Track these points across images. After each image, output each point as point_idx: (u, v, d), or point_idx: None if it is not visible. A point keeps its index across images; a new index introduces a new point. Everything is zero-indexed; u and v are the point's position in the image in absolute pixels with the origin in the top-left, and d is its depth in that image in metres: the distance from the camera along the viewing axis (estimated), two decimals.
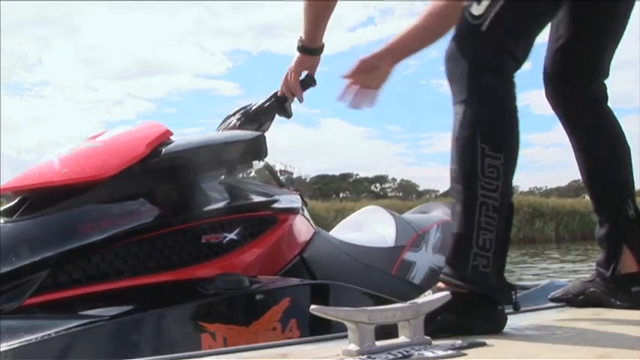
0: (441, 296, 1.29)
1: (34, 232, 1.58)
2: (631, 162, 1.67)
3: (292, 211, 1.99)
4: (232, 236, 1.78)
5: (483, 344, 1.20)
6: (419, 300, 1.25)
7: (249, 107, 2.04)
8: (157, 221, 1.71)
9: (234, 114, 2.06)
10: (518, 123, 1.42)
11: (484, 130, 1.35)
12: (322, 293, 1.84)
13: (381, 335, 1.16)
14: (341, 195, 38.96)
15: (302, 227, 2.04)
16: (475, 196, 1.33)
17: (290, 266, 1.93)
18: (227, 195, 1.89)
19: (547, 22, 1.53)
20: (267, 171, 2.22)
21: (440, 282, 1.39)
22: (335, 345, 1.22)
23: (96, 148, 1.79)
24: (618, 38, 1.70)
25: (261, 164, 2.20)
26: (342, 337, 1.20)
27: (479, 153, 1.33)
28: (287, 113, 2.01)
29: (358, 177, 44.06)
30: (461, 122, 1.37)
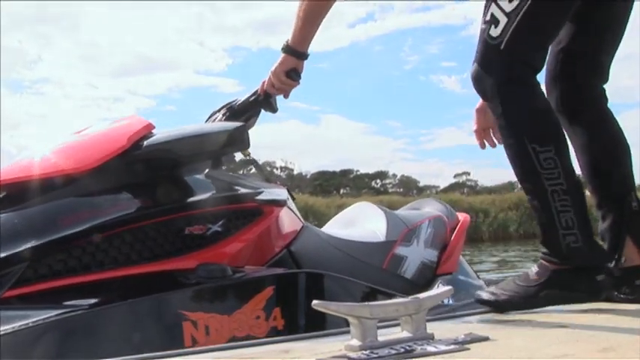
0: (444, 291, 1.29)
1: (14, 225, 1.57)
2: (631, 158, 1.73)
3: (278, 203, 1.97)
4: (216, 228, 1.77)
5: (486, 339, 1.20)
6: (421, 295, 1.25)
7: (234, 103, 2.03)
8: (139, 213, 1.71)
9: (219, 110, 2.06)
10: (552, 112, 1.59)
11: (528, 133, 1.51)
12: (308, 282, 1.83)
13: None
14: (341, 191, 38.92)
15: (289, 220, 2.03)
16: (544, 189, 1.50)
17: (277, 259, 1.93)
18: (211, 187, 1.88)
19: (559, 32, 1.63)
20: (253, 166, 2.21)
21: (541, 260, 1.55)
22: (337, 340, 1.22)
23: (78, 142, 1.80)
24: (618, 40, 1.75)
25: (246, 158, 2.14)
26: (345, 333, 1.20)
27: (532, 153, 1.50)
28: (272, 108, 2.00)
29: (359, 173, 44.02)
30: (506, 132, 1.55)
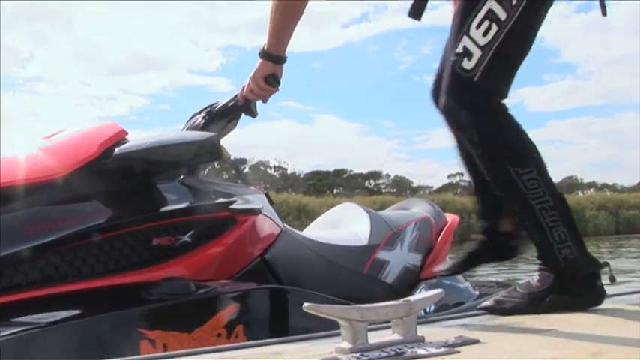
0: (434, 294, 1.29)
1: None
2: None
3: (252, 212, 1.94)
4: (186, 238, 1.74)
5: (477, 341, 1.20)
6: (412, 297, 1.25)
7: (214, 106, 2.00)
8: (106, 224, 1.67)
9: (199, 112, 2.02)
10: (525, 133, 1.63)
11: (508, 158, 1.56)
12: (273, 297, 1.80)
13: None
14: (335, 191, 38.92)
15: (264, 228, 2.00)
16: (532, 208, 1.55)
17: (250, 268, 1.89)
18: (184, 196, 1.85)
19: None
20: (233, 170, 2.19)
21: (542, 270, 1.59)
22: (328, 342, 1.22)
23: (46, 149, 1.75)
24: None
25: (227, 163, 2.14)
26: (335, 335, 1.20)
27: (515, 177, 1.55)
28: (252, 113, 1.96)
29: (352, 173, 44.02)
30: (486, 160, 1.60)
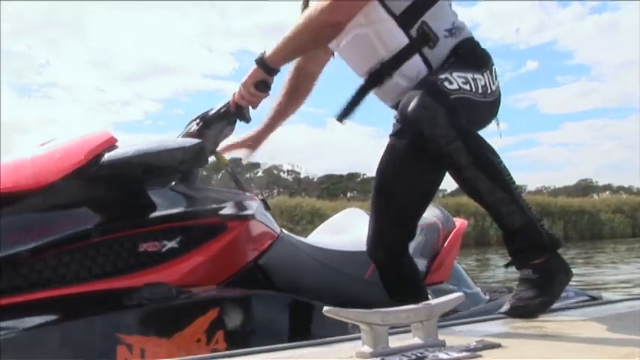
0: (455, 297, 1.28)
1: None
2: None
3: (244, 218, 1.94)
4: (173, 244, 1.75)
5: (498, 346, 1.19)
6: (432, 301, 1.24)
7: (208, 113, 1.99)
8: (91, 230, 1.68)
9: (195, 119, 2.02)
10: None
11: (487, 146, 1.69)
12: (257, 303, 1.80)
13: None
14: (348, 195, 38.85)
15: (257, 234, 2.00)
16: (513, 192, 1.66)
17: (242, 274, 1.89)
18: (175, 202, 1.85)
19: None
20: (230, 175, 2.16)
21: (530, 263, 1.63)
22: (348, 346, 1.21)
23: (35, 157, 1.76)
24: None
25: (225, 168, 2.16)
26: (356, 339, 1.19)
27: (497, 164, 1.66)
28: (245, 118, 1.95)
29: (365, 177, 43.72)
30: (471, 151, 1.63)
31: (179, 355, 1.47)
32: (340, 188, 40.11)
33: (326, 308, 1.15)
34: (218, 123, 1.97)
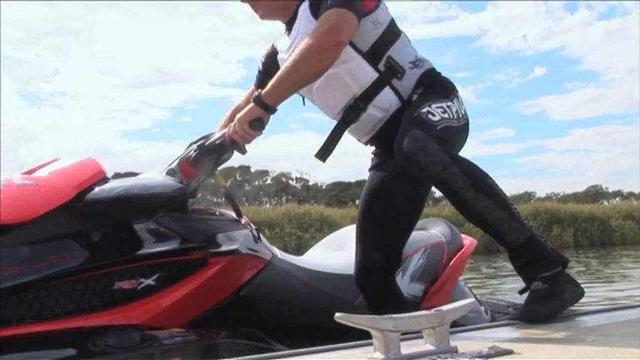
0: (466, 303, 1.28)
1: None
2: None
3: (226, 253, 1.94)
4: (150, 282, 1.77)
5: (510, 352, 1.19)
6: (444, 307, 1.24)
7: (207, 138, 2.01)
8: (70, 267, 1.68)
9: (195, 142, 2.05)
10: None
11: (482, 172, 1.77)
12: (221, 350, 1.79)
13: None
14: (357, 202, 38.84)
15: (241, 266, 2.01)
16: (512, 208, 1.74)
17: (223, 305, 1.91)
18: (158, 237, 1.85)
19: None
20: (227, 201, 2.20)
21: (540, 275, 1.67)
22: (360, 352, 1.21)
23: (22, 188, 1.76)
24: None
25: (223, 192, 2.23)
26: (367, 345, 1.20)
27: (494, 184, 1.76)
28: (241, 150, 1.98)
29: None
30: (470, 176, 1.72)
31: None
32: (349, 195, 39.98)
33: (338, 314, 1.15)
34: (214, 153, 2.00)
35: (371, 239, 2.05)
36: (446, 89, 1.97)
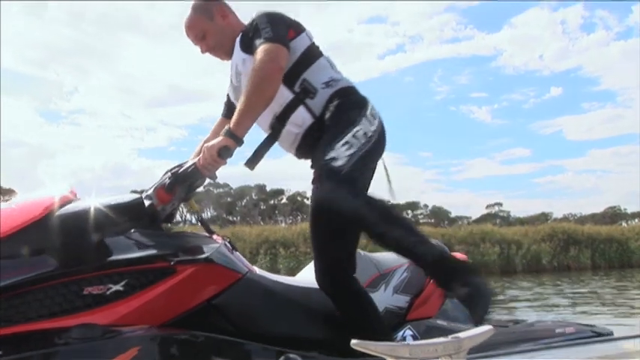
0: (485, 330, 1.27)
1: None
2: None
3: (195, 262, 2.07)
4: (118, 287, 1.94)
5: None
6: (461, 334, 1.23)
7: (179, 168, 2.18)
8: (42, 275, 1.88)
9: (170, 170, 2.21)
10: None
11: (390, 209, 2.06)
12: (180, 344, 1.93)
13: None
14: None
15: (211, 276, 2.12)
16: (423, 234, 1.98)
17: (193, 313, 2.04)
18: (126, 248, 2.03)
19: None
20: (197, 219, 2.38)
21: (458, 289, 1.84)
22: None
23: (1, 211, 2.02)
24: None
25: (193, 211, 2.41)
26: None
27: (401, 216, 2.10)
28: (212, 177, 2.13)
29: (390, 203, 43.68)
30: (379, 213, 1.99)
31: None
32: None
33: (354, 341, 1.14)
34: (186, 180, 2.16)
35: (320, 248, 2.23)
36: (353, 110, 2.20)
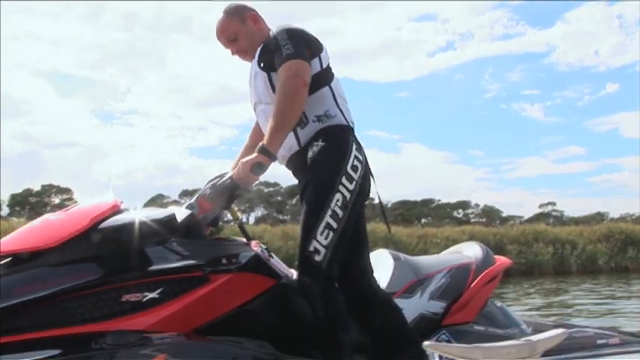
0: (558, 334, 1.26)
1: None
2: None
3: (228, 271, 2.23)
4: (154, 295, 2.11)
5: None
6: (534, 337, 1.23)
7: (220, 179, 2.34)
8: (89, 283, 2.07)
9: (212, 180, 2.38)
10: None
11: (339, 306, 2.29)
12: (205, 351, 2.11)
13: None
14: (423, 221, 38.37)
15: (244, 283, 2.28)
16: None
17: (224, 319, 2.20)
18: (165, 258, 2.19)
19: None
20: (238, 226, 2.51)
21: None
22: None
23: (52, 222, 2.23)
24: None
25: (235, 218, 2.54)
26: None
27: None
28: (247, 189, 2.34)
29: (440, 202, 43.17)
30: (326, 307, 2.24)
31: None
32: (414, 214, 39.71)
33: (427, 343, 1.15)
34: (224, 193, 2.32)
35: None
36: (333, 160, 2.33)
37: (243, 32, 2.52)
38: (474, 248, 2.79)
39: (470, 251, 2.77)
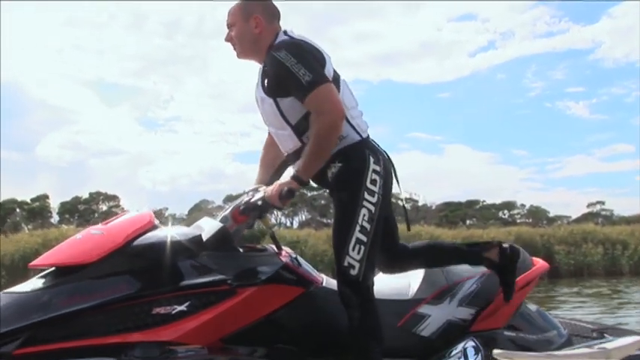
0: (634, 341, 1.22)
1: (25, 302, 2.17)
2: None
3: (254, 284, 2.34)
4: (182, 308, 2.22)
5: None
6: (608, 345, 1.20)
7: (254, 193, 2.43)
8: (124, 296, 2.19)
9: (246, 192, 2.51)
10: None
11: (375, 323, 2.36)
12: None
13: None
14: (467, 222, 37.99)
15: (270, 294, 2.36)
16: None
17: (251, 328, 2.30)
18: (194, 273, 2.31)
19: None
20: (270, 236, 2.56)
21: None
22: None
23: (92, 236, 2.35)
24: None
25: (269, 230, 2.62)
26: None
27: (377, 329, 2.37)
28: (280, 208, 2.37)
29: (485, 203, 42.55)
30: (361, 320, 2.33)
31: None
32: (459, 215, 39.28)
33: (497, 351, 1.13)
34: (253, 211, 2.40)
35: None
36: (355, 171, 2.40)
37: (239, 27, 2.49)
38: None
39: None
